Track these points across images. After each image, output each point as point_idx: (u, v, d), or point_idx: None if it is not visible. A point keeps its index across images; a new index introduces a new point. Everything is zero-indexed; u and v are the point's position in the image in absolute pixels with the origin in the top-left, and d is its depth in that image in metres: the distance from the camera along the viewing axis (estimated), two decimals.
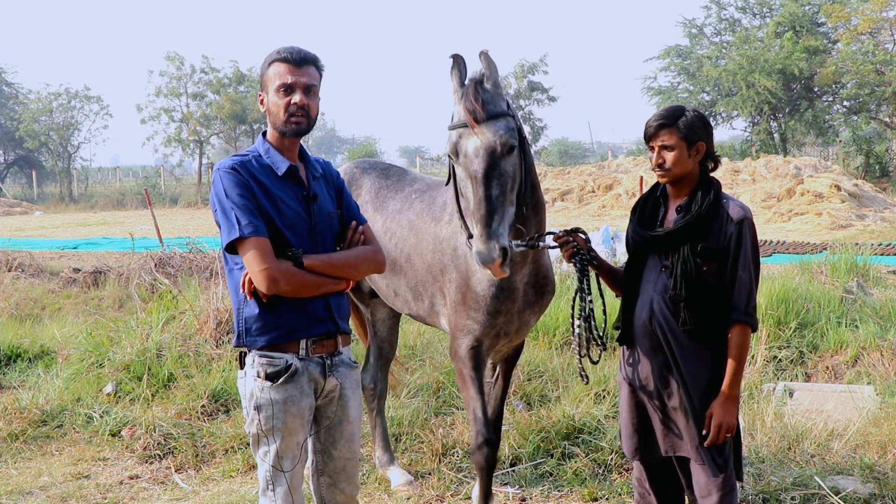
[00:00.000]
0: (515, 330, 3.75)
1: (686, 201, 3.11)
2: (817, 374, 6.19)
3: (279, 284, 2.66)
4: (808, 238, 14.78)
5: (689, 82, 32.62)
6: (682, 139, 3.05)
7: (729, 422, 3.03)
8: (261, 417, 2.75)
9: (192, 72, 35.33)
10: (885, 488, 4.08)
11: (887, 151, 28.20)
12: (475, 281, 3.60)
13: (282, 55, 2.79)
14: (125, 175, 45.77)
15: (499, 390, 4.04)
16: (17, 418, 5.62)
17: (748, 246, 3.04)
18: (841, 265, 8.34)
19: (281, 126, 2.80)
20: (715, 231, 3.04)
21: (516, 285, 3.59)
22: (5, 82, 42.55)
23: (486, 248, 2.95)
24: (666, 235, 3.09)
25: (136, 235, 13.20)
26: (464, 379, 3.75)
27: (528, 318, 3.76)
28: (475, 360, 3.70)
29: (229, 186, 2.70)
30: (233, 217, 2.66)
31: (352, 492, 3.00)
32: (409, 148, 69.60)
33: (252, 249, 2.64)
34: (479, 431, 3.76)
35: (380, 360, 4.91)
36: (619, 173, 25.20)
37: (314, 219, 2.84)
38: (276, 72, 2.78)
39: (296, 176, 2.85)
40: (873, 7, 26.70)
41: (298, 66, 2.78)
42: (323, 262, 2.78)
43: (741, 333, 3.05)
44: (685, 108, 3.13)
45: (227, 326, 6.53)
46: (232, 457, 5.02)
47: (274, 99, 2.78)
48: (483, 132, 3.02)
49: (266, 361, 2.75)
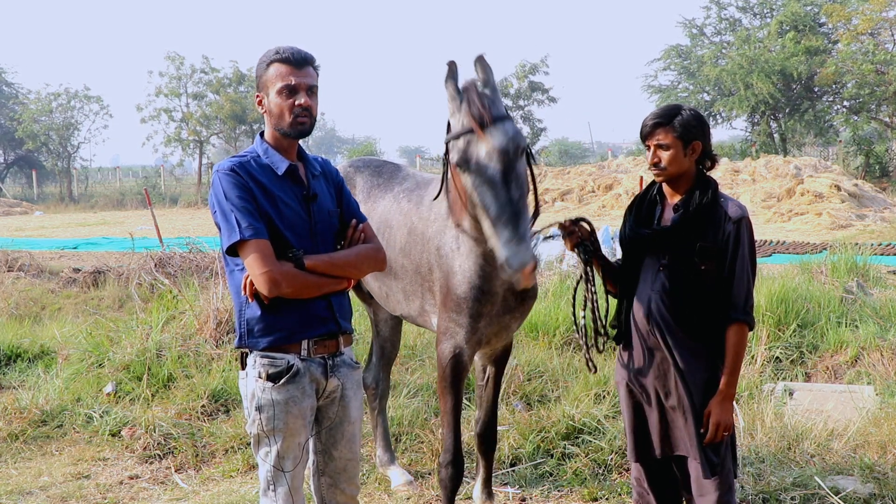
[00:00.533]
0: (495, 333, 3.73)
1: (683, 200, 3.11)
2: (817, 374, 6.19)
3: (281, 287, 2.65)
4: (808, 238, 14.78)
5: (689, 82, 32.63)
6: (677, 138, 3.05)
7: (727, 420, 3.04)
8: (262, 418, 2.74)
9: (192, 72, 35.35)
10: (885, 488, 4.08)
11: (887, 151, 28.20)
12: (455, 283, 3.58)
13: (283, 55, 2.77)
14: (125, 175, 45.77)
15: (490, 392, 4.03)
16: (17, 418, 5.62)
17: (746, 245, 3.04)
18: (841, 265, 8.34)
19: (286, 128, 2.78)
20: (713, 230, 3.04)
21: (496, 290, 3.56)
22: (5, 82, 42.56)
23: (520, 250, 2.83)
24: (663, 233, 3.09)
25: (136, 235, 13.21)
26: (443, 390, 3.75)
27: (509, 323, 3.73)
28: (455, 370, 3.68)
29: (229, 188, 2.69)
30: (233, 219, 2.65)
31: (352, 492, 3.00)
32: (408, 148, 69.63)
33: (253, 252, 2.64)
34: (446, 450, 3.79)
35: (382, 359, 4.91)
36: (618, 173, 25.21)
37: (314, 218, 2.83)
38: (278, 73, 2.76)
39: (295, 175, 2.84)
40: (873, 7, 26.70)
41: (300, 68, 2.77)
42: (324, 262, 2.77)
43: (739, 332, 3.05)
44: (682, 106, 3.12)
45: (227, 326, 6.53)
46: (232, 457, 5.02)
47: (277, 100, 2.77)
48: (494, 135, 2.97)
49: (268, 362, 2.75)
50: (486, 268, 3.48)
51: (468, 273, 3.52)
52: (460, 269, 3.56)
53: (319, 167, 2.97)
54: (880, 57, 27.23)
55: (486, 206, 2.96)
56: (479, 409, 4.09)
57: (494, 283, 3.54)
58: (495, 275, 3.49)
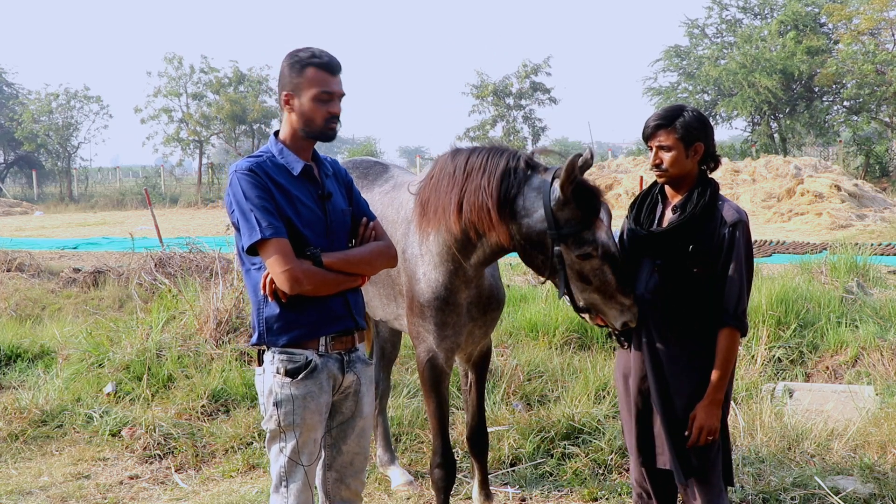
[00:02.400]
0: (463, 340, 3.75)
1: (682, 201, 3.10)
2: (817, 374, 6.19)
3: (302, 284, 2.69)
4: (808, 238, 14.78)
5: (689, 82, 32.63)
6: (679, 140, 3.04)
7: (711, 424, 3.03)
8: (280, 413, 2.77)
9: (191, 72, 35.33)
10: (885, 488, 4.08)
11: (887, 151, 28.20)
12: (419, 290, 3.61)
13: (322, 60, 2.80)
14: (125, 175, 45.73)
15: (474, 397, 4.04)
16: (17, 418, 5.61)
17: (741, 249, 3.02)
18: (841, 265, 8.35)
19: (317, 132, 2.83)
20: (708, 233, 3.02)
21: (460, 302, 3.60)
22: (5, 82, 42.55)
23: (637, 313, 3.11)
24: (659, 235, 3.09)
25: (136, 235, 13.21)
26: (426, 394, 3.82)
27: (473, 330, 3.75)
28: (433, 374, 3.72)
29: (248, 188, 2.72)
30: (253, 219, 2.68)
31: (357, 488, 3.02)
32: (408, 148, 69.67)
33: (274, 251, 2.67)
34: (435, 452, 3.84)
35: (382, 360, 4.92)
36: (618, 173, 25.17)
37: (329, 217, 2.88)
38: (317, 78, 2.78)
39: (311, 175, 2.88)
40: (874, 7, 26.69)
41: (334, 74, 2.82)
42: (340, 260, 2.81)
43: (729, 337, 3.03)
44: (685, 107, 3.11)
45: (227, 326, 6.53)
46: (232, 457, 5.02)
47: (312, 105, 2.79)
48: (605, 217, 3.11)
49: (286, 358, 2.78)
50: (455, 281, 3.53)
51: (433, 284, 3.55)
52: (424, 277, 3.58)
53: (331, 167, 3.02)
54: (881, 57, 27.23)
55: (605, 283, 3.07)
56: (467, 413, 4.11)
57: (459, 296, 3.58)
58: (462, 288, 3.55)
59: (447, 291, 3.54)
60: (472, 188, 3.22)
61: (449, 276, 3.51)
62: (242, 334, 6.43)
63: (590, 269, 3.05)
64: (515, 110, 33.49)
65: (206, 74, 35.45)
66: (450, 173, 3.34)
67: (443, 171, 3.40)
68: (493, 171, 3.19)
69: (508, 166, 3.19)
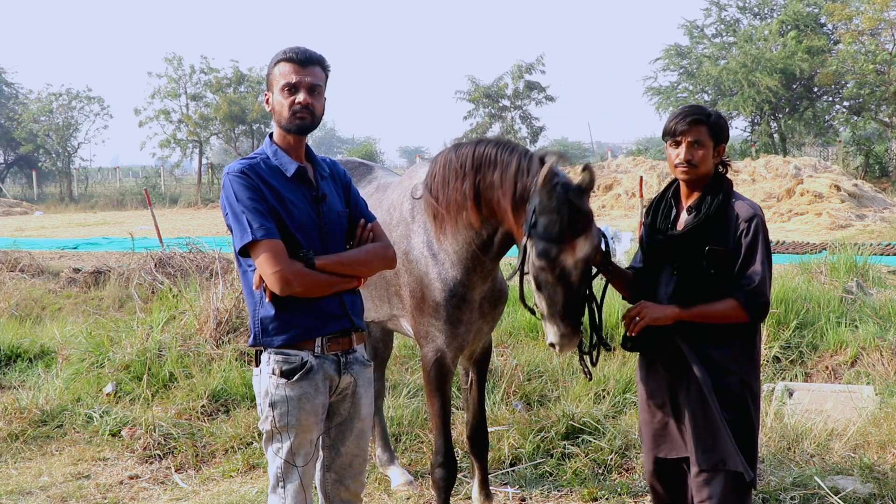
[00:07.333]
0: (472, 337, 3.79)
1: (696, 202, 3.10)
2: (817, 374, 6.19)
3: (292, 286, 2.69)
4: (807, 238, 14.78)
5: (689, 81, 32.61)
6: (711, 138, 3.06)
7: (653, 314, 3.02)
8: (275, 414, 2.77)
9: (191, 72, 35.30)
10: (884, 488, 4.09)
11: (887, 151, 28.19)
12: (433, 289, 3.63)
13: (287, 55, 2.83)
14: (125, 175, 45.69)
15: (475, 396, 4.07)
16: (17, 418, 5.61)
17: (760, 241, 3.00)
18: (841, 265, 8.35)
19: (285, 123, 2.83)
20: (723, 232, 3.02)
21: (475, 298, 3.65)
22: (5, 82, 42.50)
23: (571, 341, 3.08)
24: (675, 238, 3.09)
25: (136, 235, 13.21)
26: (429, 394, 3.83)
27: (482, 326, 3.81)
28: (440, 373, 3.74)
29: (239, 190, 2.72)
30: (244, 221, 2.69)
31: (356, 489, 3.02)
32: (408, 148, 69.58)
33: (264, 252, 2.67)
34: (437, 451, 3.86)
35: (375, 360, 4.91)
36: (618, 173, 25.19)
37: (323, 219, 2.87)
38: (282, 71, 2.82)
39: (304, 177, 2.88)
40: (874, 7, 26.68)
41: (303, 66, 2.82)
42: (333, 262, 2.81)
43: (730, 307, 2.98)
44: (707, 108, 3.14)
45: (227, 327, 6.54)
46: (232, 457, 5.02)
47: (279, 98, 2.82)
48: (581, 248, 2.99)
49: (282, 359, 2.78)
50: (472, 277, 3.57)
51: (450, 283, 3.58)
52: (439, 277, 3.60)
53: (328, 168, 3.01)
54: (881, 57, 27.23)
55: (553, 301, 3.05)
56: (467, 412, 4.13)
57: (474, 292, 3.62)
58: (478, 283, 3.59)
59: (464, 288, 3.59)
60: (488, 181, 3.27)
61: (467, 273, 3.56)
62: (242, 334, 6.44)
63: (544, 279, 3.06)
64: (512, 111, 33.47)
65: (205, 75, 35.42)
66: (456, 168, 3.40)
67: (447, 166, 3.44)
68: (508, 163, 3.24)
69: (521, 161, 3.22)
